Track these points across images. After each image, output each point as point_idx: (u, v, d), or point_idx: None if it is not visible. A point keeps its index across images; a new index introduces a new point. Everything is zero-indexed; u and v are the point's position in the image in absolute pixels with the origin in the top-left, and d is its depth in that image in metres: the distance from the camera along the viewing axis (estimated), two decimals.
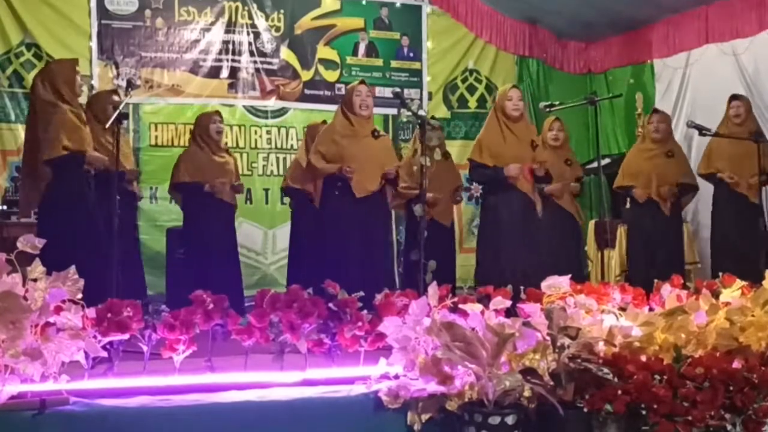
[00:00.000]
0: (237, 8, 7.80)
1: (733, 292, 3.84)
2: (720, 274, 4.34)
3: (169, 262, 6.57)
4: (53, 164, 4.92)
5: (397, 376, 3.14)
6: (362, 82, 5.76)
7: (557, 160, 6.43)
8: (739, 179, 6.19)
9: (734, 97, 6.43)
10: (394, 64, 8.38)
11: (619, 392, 2.88)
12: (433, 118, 7.12)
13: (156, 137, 7.53)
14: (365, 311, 3.52)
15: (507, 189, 5.54)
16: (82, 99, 5.47)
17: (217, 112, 6.35)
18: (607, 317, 3.42)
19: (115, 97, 5.63)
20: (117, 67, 7.37)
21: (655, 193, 6.37)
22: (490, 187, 5.77)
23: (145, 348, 3.28)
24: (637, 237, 6.52)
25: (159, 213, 7.34)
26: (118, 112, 4.87)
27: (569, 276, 3.85)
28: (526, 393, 2.99)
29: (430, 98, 8.43)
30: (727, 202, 6.34)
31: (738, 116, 6.32)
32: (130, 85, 5.45)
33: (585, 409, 2.90)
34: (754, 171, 6.04)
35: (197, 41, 7.67)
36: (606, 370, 2.93)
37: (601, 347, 3.13)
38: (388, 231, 5.79)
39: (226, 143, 6.92)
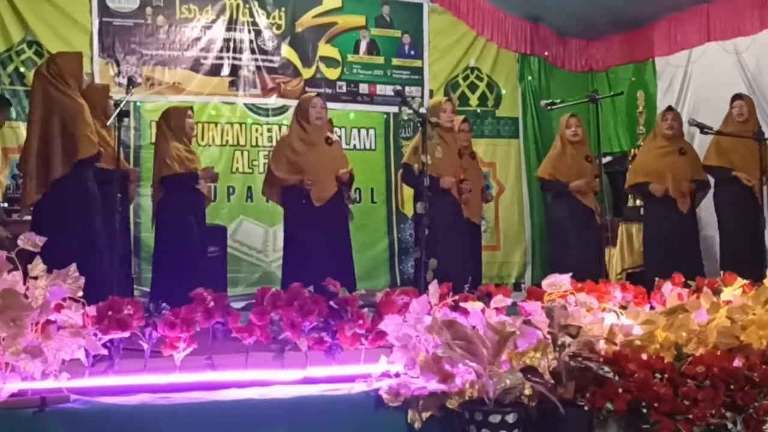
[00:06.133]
0: (238, 6, 7.79)
1: (734, 290, 3.84)
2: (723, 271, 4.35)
3: None
4: (85, 163, 4.92)
5: (397, 374, 3.14)
6: (318, 94, 6.18)
7: (578, 157, 6.45)
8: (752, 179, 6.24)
9: (738, 97, 6.44)
10: (395, 61, 8.38)
11: (620, 390, 2.87)
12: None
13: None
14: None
15: (439, 194, 5.71)
16: None
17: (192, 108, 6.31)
18: (608, 315, 3.42)
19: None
20: (118, 65, 7.37)
21: (672, 190, 6.36)
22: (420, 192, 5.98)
23: (145, 346, 3.27)
24: (654, 235, 6.49)
25: None
26: (119, 110, 4.88)
27: (587, 271, 3.92)
28: (527, 391, 2.98)
29: (431, 96, 8.41)
30: (735, 198, 6.36)
31: (741, 115, 6.33)
32: (131, 82, 5.47)
33: (586, 408, 2.89)
34: (756, 169, 6.06)
35: (198, 39, 7.66)
36: (607, 368, 2.93)
37: (602, 345, 3.13)
38: (347, 232, 6.06)
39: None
